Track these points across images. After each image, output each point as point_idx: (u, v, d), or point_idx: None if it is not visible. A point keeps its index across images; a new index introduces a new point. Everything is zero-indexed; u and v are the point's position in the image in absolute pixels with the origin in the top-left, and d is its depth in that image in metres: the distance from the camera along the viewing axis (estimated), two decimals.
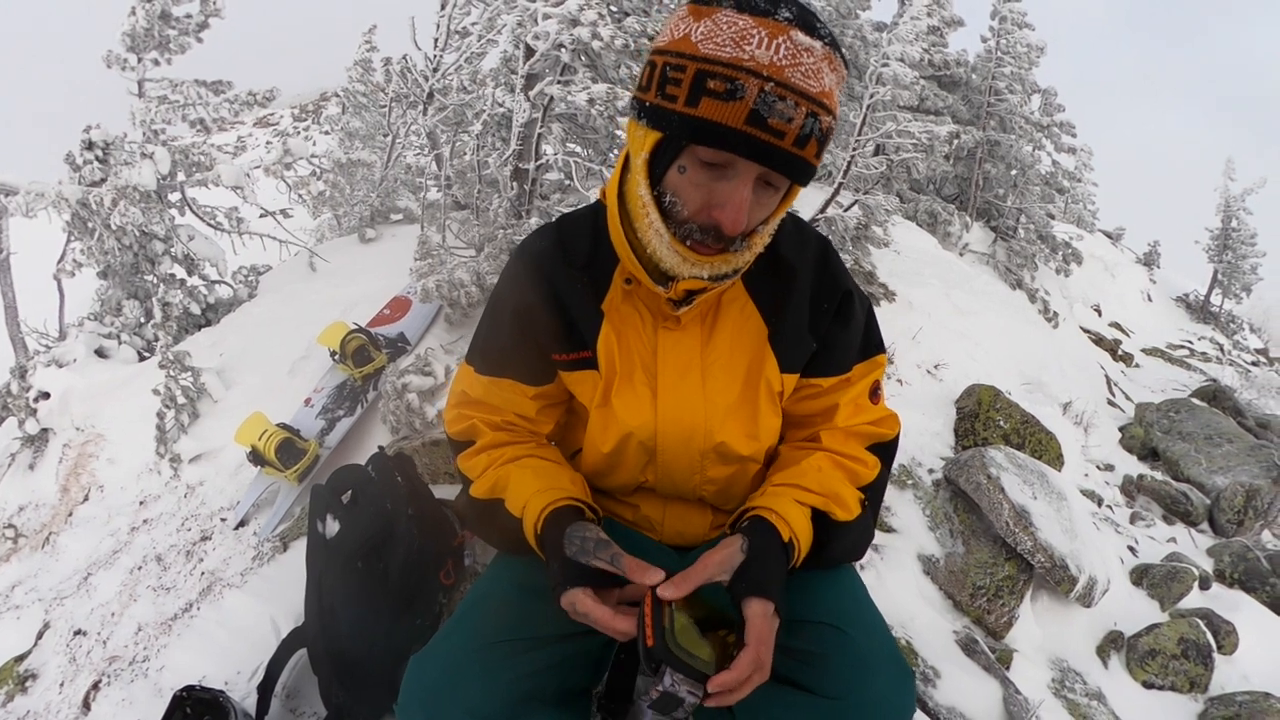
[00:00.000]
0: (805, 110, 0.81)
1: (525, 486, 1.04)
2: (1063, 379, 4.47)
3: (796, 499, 1.02)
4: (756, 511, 1.00)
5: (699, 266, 0.92)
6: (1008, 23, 8.41)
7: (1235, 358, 10.42)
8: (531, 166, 3.08)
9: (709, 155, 0.85)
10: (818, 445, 1.13)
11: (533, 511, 1.01)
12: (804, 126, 0.81)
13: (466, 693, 0.94)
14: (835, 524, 1.05)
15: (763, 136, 0.81)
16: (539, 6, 2.86)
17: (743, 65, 0.80)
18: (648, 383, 1.07)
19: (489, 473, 1.10)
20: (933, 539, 2.34)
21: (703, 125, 0.82)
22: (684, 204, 0.89)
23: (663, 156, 0.89)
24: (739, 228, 0.87)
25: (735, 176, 0.85)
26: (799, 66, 0.80)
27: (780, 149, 0.82)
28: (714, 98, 0.81)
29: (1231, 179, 14.44)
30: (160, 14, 3.99)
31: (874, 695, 0.95)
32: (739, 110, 0.80)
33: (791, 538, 0.98)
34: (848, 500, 1.06)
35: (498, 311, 1.14)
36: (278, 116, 29.55)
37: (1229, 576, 2.81)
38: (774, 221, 0.94)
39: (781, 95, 0.80)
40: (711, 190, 0.87)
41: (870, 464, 1.12)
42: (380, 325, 3.01)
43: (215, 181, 3.82)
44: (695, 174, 0.87)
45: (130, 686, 1.85)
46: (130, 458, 2.83)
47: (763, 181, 0.87)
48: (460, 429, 1.16)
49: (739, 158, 0.83)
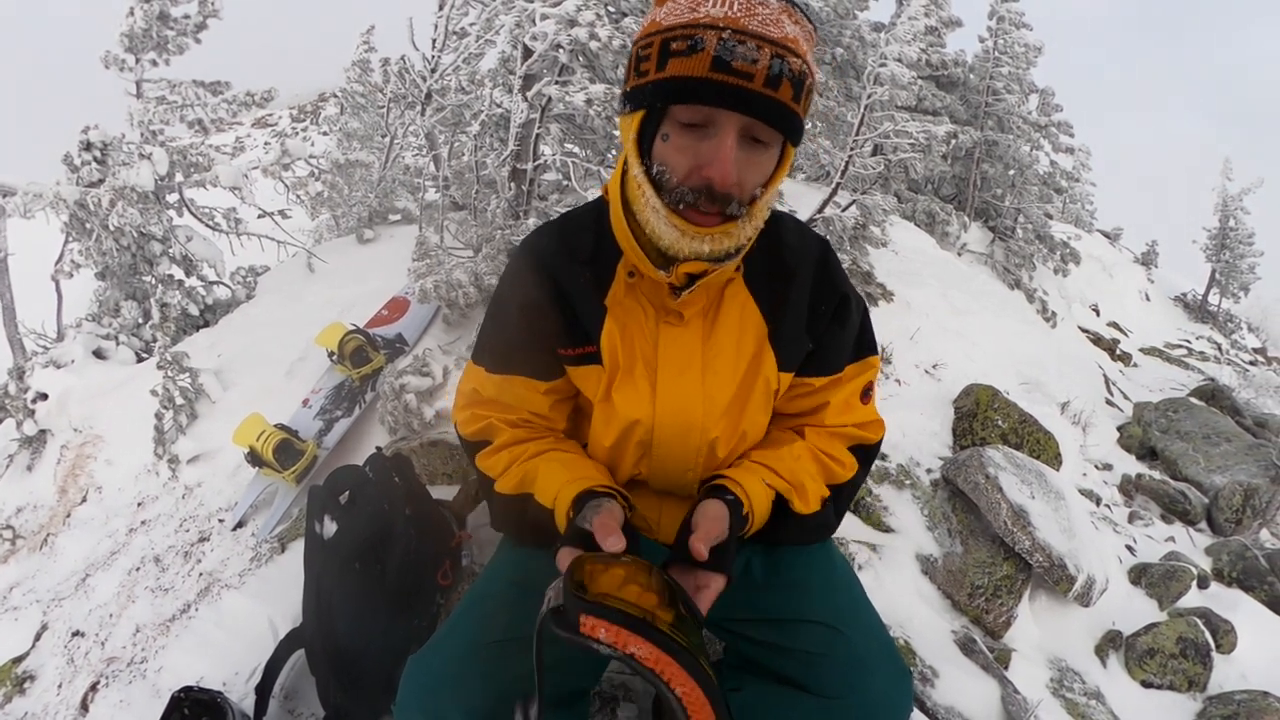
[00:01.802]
0: (769, 52, 0.82)
1: (555, 478, 1.05)
2: (1061, 379, 4.47)
3: (765, 479, 1.05)
4: (725, 483, 1.03)
5: (698, 240, 0.91)
6: (1005, 23, 8.41)
7: (1233, 357, 10.42)
8: (529, 167, 3.08)
9: (686, 115, 0.86)
10: (801, 435, 1.15)
11: (565, 499, 1.01)
12: (771, 67, 0.82)
13: (465, 693, 0.95)
14: (789, 512, 1.08)
15: (730, 80, 0.82)
16: (536, 7, 2.86)
17: (699, 23, 0.83)
18: (648, 376, 1.07)
19: (514, 468, 1.10)
20: (931, 539, 2.35)
21: (671, 83, 0.85)
22: (672, 170, 0.89)
23: (647, 132, 0.91)
24: (728, 179, 0.86)
25: (717, 133, 0.86)
26: (755, 16, 0.83)
27: (750, 90, 0.83)
28: (678, 56, 0.84)
29: (1229, 179, 14.43)
30: (158, 15, 3.97)
31: (872, 695, 0.96)
32: (702, 60, 0.83)
33: (748, 513, 1.00)
34: (810, 495, 1.09)
35: (503, 309, 1.14)
36: (276, 117, 29.54)
37: (1227, 575, 2.81)
38: (774, 189, 0.93)
39: (741, 40, 0.82)
40: (697, 151, 0.88)
41: (848, 465, 1.14)
42: (378, 326, 3.01)
43: (213, 182, 3.82)
44: (679, 138, 0.88)
45: (128, 688, 1.85)
46: (128, 459, 2.83)
47: (749, 138, 0.87)
48: (476, 429, 1.16)
49: (715, 110, 0.84)
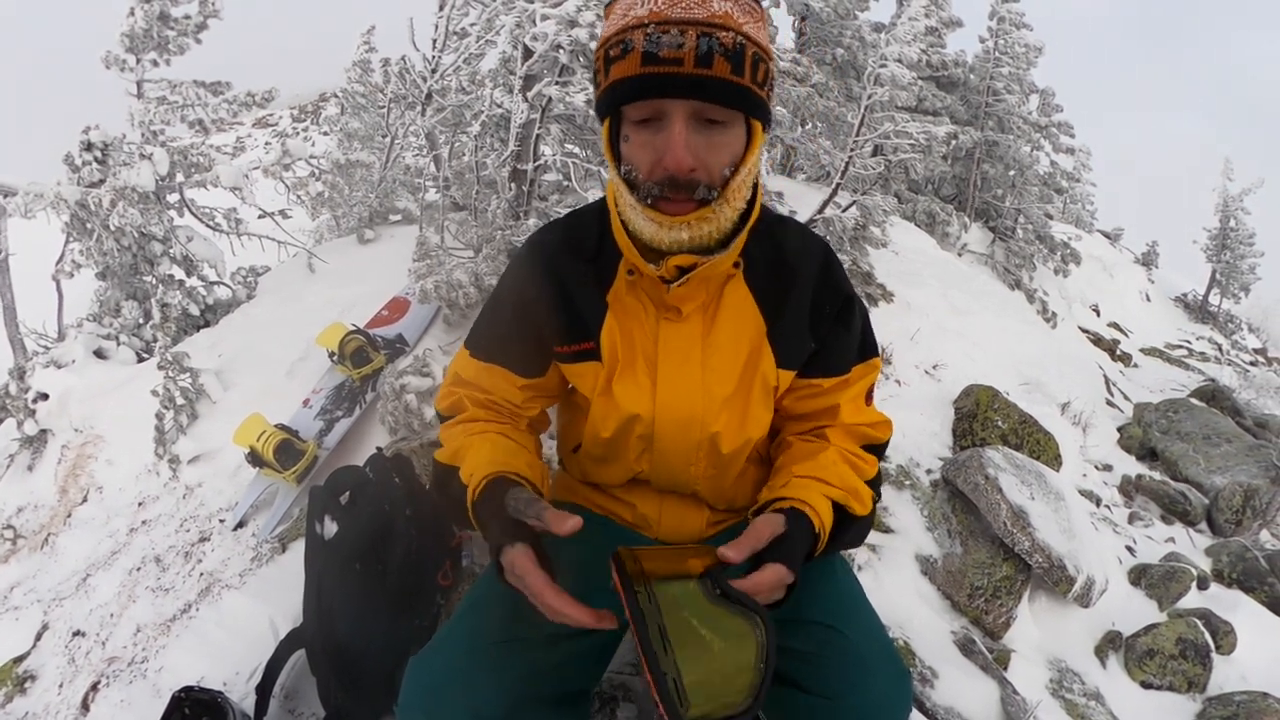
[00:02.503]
0: (695, 33, 0.85)
1: (479, 456, 1.04)
2: (1061, 379, 4.46)
3: (823, 492, 1.03)
4: (791, 504, 0.99)
5: (676, 229, 0.94)
6: (1006, 23, 8.41)
7: (1234, 357, 10.42)
8: (530, 167, 3.08)
9: (635, 113, 0.91)
10: (825, 441, 1.14)
11: (476, 480, 1.00)
12: (699, 46, 0.85)
13: (467, 693, 0.95)
14: (851, 517, 1.06)
15: (660, 70, 0.86)
16: (537, 8, 2.86)
17: (629, 25, 0.88)
18: (648, 371, 1.09)
19: (456, 441, 1.11)
20: (930, 539, 2.35)
21: (614, 88, 0.90)
22: (638, 168, 0.93)
23: (614, 137, 0.95)
24: (683, 165, 0.89)
25: (668, 124, 0.89)
26: (678, 4, 0.86)
27: (682, 74, 0.86)
28: (615, 61, 0.90)
29: (1230, 179, 14.44)
30: (159, 15, 3.98)
31: (872, 695, 0.96)
32: (633, 59, 0.87)
33: (821, 529, 0.99)
34: (864, 496, 1.09)
35: (500, 302, 1.17)
36: (276, 117, 29.55)
37: (1227, 576, 2.81)
38: (746, 168, 0.94)
39: (664, 30, 0.85)
40: (654, 146, 0.91)
41: (871, 461, 1.15)
42: (379, 326, 3.01)
43: (214, 183, 3.81)
44: (637, 136, 0.92)
45: (129, 687, 1.85)
46: (129, 459, 2.83)
47: (703, 120, 0.89)
48: (448, 404, 1.20)
49: (660, 102, 0.88)
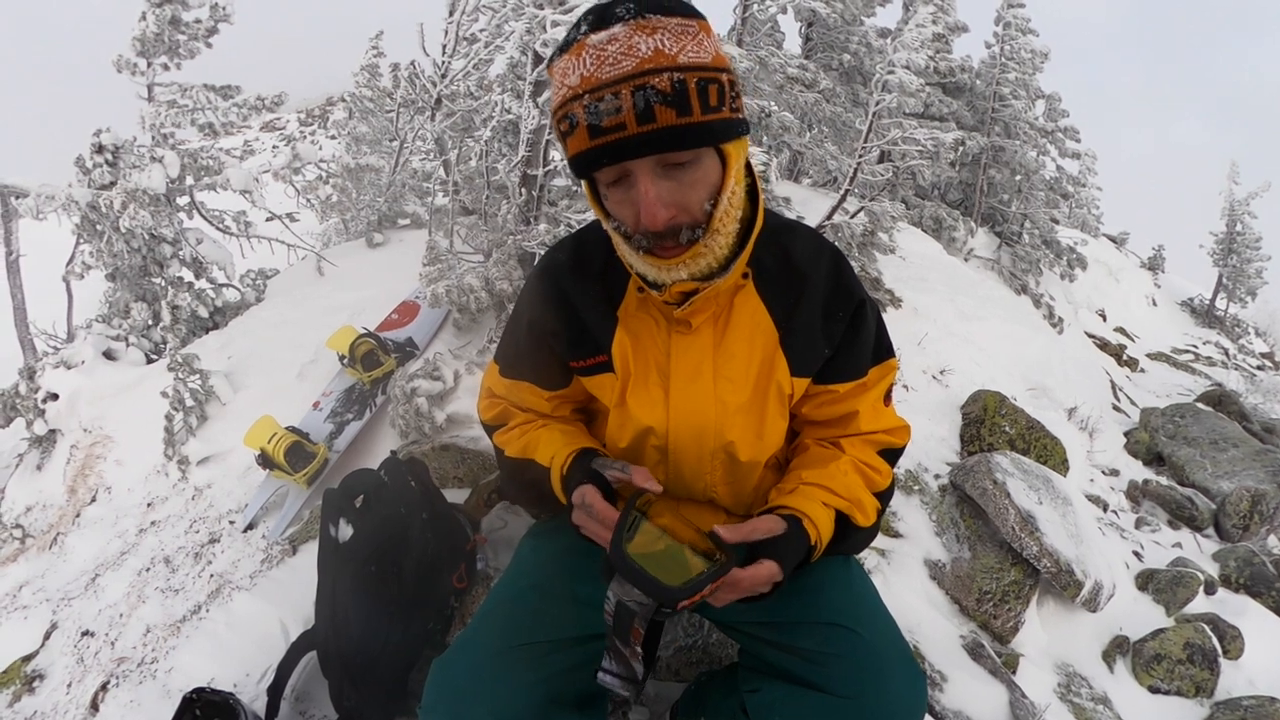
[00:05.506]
0: (629, 90, 0.84)
1: (554, 442, 1.15)
2: (1067, 384, 4.46)
3: (824, 501, 1.06)
4: (791, 513, 1.03)
5: (673, 269, 0.97)
6: (1012, 29, 8.43)
7: (1240, 362, 10.39)
8: (540, 172, 3.09)
9: (604, 178, 0.92)
10: (841, 449, 1.16)
11: (560, 457, 1.11)
12: (636, 104, 0.84)
13: (491, 695, 0.97)
14: (853, 527, 1.09)
15: (609, 139, 0.86)
16: (547, 14, 2.87)
17: (568, 99, 0.88)
18: (661, 384, 1.10)
19: (522, 438, 1.20)
20: (939, 544, 2.35)
21: (574, 162, 0.91)
22: (623, 222, 0.95)
23: (596, 195, 0.97)
24: (656, 221, 0.90)
25: (634, 181, 0.90)
26: (605, 61, 0.85)
27: (628, 137, 0.86)
28: (567, 136, 0.90)
29: (1236, 183, 14.43)
30: (170, 19, 4.01)
31: (888, 695, 0.97)
32: (580, 135, 0.88)
33: (816, 541, 1.02)
34: (868, 508, 1.11)
35: (518, 322, 1.22)
36: (284, 121, 29.68)
37: (1234, 581, 2.80)
38: (726, 196, 0.94)
39: (599, 98, 0.85)
40: (630, 201, 0.92)
41: (885, 471, 1.16)
42: (388, 330, 3.02)
43: (224, 185, 3.84)
44: (613, 195, 0.93)
45: (139, 688, 1.86)
46: (138, 459, 2.85)
47: (669, 165, 0.89)
48: (494, 414, 1.28)
49: (621, 165, 0.88)
